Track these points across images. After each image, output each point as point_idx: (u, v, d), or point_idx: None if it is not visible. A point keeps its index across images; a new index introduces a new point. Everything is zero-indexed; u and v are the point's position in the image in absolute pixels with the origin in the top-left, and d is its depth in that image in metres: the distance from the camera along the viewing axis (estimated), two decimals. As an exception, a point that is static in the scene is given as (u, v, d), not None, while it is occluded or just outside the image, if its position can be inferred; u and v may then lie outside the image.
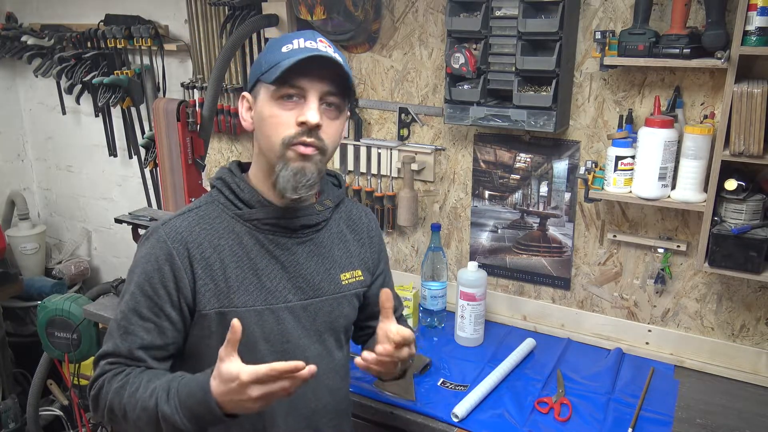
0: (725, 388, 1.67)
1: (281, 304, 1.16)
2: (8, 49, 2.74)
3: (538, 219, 1.92)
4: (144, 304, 1.10)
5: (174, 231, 1.11)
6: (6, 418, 2.49)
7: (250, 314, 1.12)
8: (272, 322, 1.15)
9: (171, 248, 1.10)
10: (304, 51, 1.06)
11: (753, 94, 1.37)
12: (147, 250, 1.12)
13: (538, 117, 1.68)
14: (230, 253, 1.13)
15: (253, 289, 1.14)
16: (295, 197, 1.10)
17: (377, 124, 2.12)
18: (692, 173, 1.54)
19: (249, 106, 1.16)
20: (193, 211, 1.16)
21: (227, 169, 1.20)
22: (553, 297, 1.97)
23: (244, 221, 1.15)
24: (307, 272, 1.19)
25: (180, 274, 1.10)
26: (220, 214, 1.16)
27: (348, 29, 1.92)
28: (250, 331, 1.12)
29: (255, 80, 1.12)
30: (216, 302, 1.11)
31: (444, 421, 1.52)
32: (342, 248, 1.26)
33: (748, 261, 1.48)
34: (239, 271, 1.13)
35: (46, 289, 2.81)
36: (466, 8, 1.74)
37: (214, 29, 2.27)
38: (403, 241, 2.18)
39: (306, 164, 1.09)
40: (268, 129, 1.09)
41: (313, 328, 1.20)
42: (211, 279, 1.11)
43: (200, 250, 1.11)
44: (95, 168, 2.93)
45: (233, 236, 1.14)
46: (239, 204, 1.16)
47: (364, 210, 1.37)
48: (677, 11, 1.49)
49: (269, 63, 1.08)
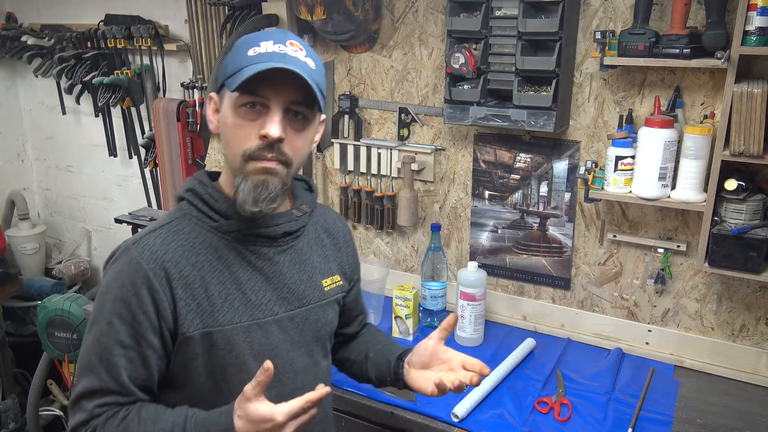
0: (725, 388, 1.67)
1: (268, 317, 1.10)
2: (8, 49, 2.74)
3: (538, 219, 1.92)
4: (125, 332, 1.00)
5: (148, 250, 1.02)
6: (6, 418, 2.49)
7: (237, 332, 1.06)
8: (260, 338, 1.09)
9: (146, 269, 1.01)
10: (270, 57, 0.98)
11: (753, 94, 1.37)
12: (119, 273, 1.02)
13: (538, 117, 1.68)
14: (210, 269, 1.05)
15: (238, 304, 1.07)
16: (255, 210, 1.01)
17: (377, 124, 2.12)
18: (692, 173, 1.54)
19: (216, 108, 1.08)
20: (165, 227, 1.07)
21: (196, 179, 1.12)
22: (553, 297, 1.97)
23: (221, 233, 1.08)
24: (291, 281, 1.13)
25: (159, 297, 1.01)
26: (195, 228, 1.07)
27: (348, 29, 1.92)
28: (239, 349, 1.06)
29: (222, 82, 1.05)
30: (200, 323, 1.03)
31: (444, 421, 1.52)
32: (321, 254, 1.22)
33: (748, 261, 1.48)
34: (221, 287, 1.06)
35: (46, 289, 2.81)
36: (466, 8, 1.74)
37: (214, 29, 2.27)
38: (403, 241, 2.18)
39: (268, 177, 1.01)
40: (229, 138, 1.03)
41: (301, 340, 1.15)
42: (192, 299, 1.03)
43: (178, 268, 1.03)
44: (95, 168, 2.93)
45: (211, 250, 1.06)
46: (214, 216, 1.08)
47: (337, 215, 1.33)
48: (677, 11, 1.49)
49: (234, 67, 1.00)
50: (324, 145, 2.22)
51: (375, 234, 2.22)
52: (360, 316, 1.39)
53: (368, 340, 1.37)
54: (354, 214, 2.21)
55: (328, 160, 2.23)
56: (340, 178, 2.21)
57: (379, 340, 1.35)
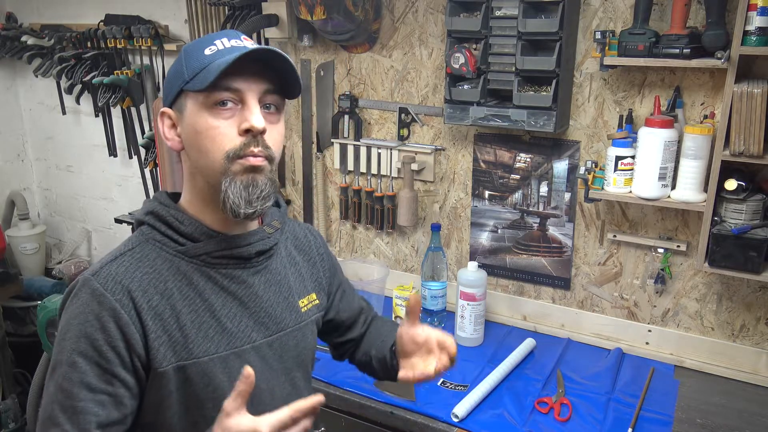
0: (725, 388, 1.67)
1: (246, 345, 1.02)
2: (8, 49, 2.74)
3: (538, 219, 1.92)
4: (92, 372, 0.90)
5: (111, 280, 0.93)
6: (6, 418, 2.49)
7: (214, 363, 0.98)
8: (239, 368, 0.94)
9: (113, 300, 0.91)
10: (232, 51, 0.92)
11: (753, 94, 1.36)
12: (80, 307, 0.92)
13: (538, 117, 1.68)
14: (181, 297, 0.97)
15: (213, 333, 0.98)
16: (250, 212, 0.95)
17: (377, 124, 2.12)
18: (692, 173, 1.54)
19: (172, 123, 0.99)
20: (127, 255, 0.97)
21: (156, 201, 1.03)
22: (553, 297, 1.97)
23: (189, 258, 0.99)
24: (268, 305, 1.06)
25: (129, 329, 0.91)
26: (160, 254, 0.98)
27: (348, 29, 1.92)
28: (217, 382, 0.98)
29: (177, 92, 0.96)
30: (173, 356, 0.95)
31: (444, 421, 1.52)
32: (295, 273, 1.15)
33: (748, 261, 1.48)
34: (194, 316, 0.97)
35: (46, 289, 2.81)
36: (466, 8, 1.74)
37: (214, 29, 2.27)
38: (403, 241, 2.18)
39: (257, 175, 0.95)
40: (205, 143, 0.94)
41: (281, 367, 1.08)
42: (163, 330, 0.94)
43: (146, 298, 0.94)
44: (95, 168, 2.93)
45: (180, 277, 0.98)
46: (180, 239, 0.99)
47: (308, 227, 1.26)
48: (677, 11, 1.49)
49: (193, 69, 0.93)
50: (324, 145, 2.22)
51: (375, 234, 2.22)
52: (361, 316, 1.33)
53: (371, 338, 1.31)
54: (354, 214, 2.21)
55: (328, 160, 2.23)
56: (340, 178, 2.21)
57: (380, 334, 1.30)
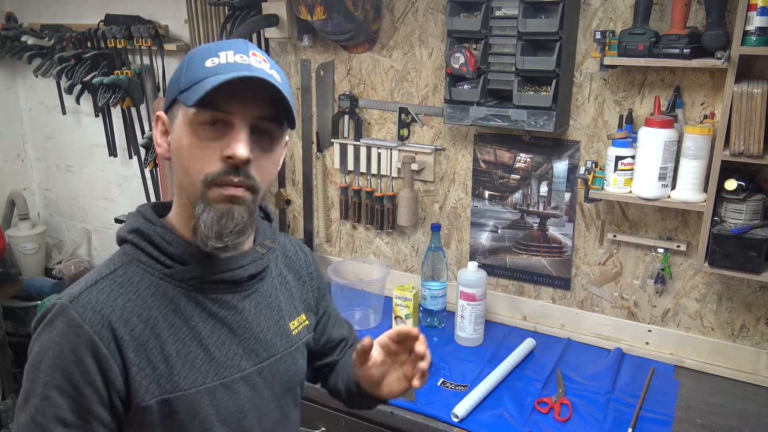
0: (725, 388, 1.68)
1: (235, 374, 0.95)
2: (8, 49, 2.74)
3: (538, 219, 1.92)
4: (66, 407, 0.84)
5: (90, 309, 0.86)
6: (6, 418, 2.49)
7: (201, 395, 0.91)
8: (227, 399, 0.94)
9: (90, 333, 0.84)
10: (233, 68, 0.85)
11: (753, 94, 1.36)
12: (56, 337, 0.85)
13: (538, 117, 1.68)
14: (166, 326, 0.90)
15: (200, 363, 0.92)
16: (219, 246, 0.87)
17: (377, 124, 2.12)
18: (692, 173, 1.54)
19: (165, 129, 0.93)
20: (108, 278, 0.90)
21: (141, 216, 0.95)
22: (553, 297, 1.97)
23: (176, 282, 0.91)
24: (258, 330, 0.99)
25: (107, 363, 0.85)
26: (144, 277, 0.91)
27: (348, 29, 1.92)
28: (204, 415, 0.92)
29: (173, 99, 0.90)
30: (157, 389, 0.88)
31: (444, 421, 1.53)
32: (285, 293, 1.08)
33: (748, 261, 1.48)
34: (180, 345, 0.90)
35: (46, 289, 2.80)
36: (466, 8, 1.74)
37: (214, 29, 2.27)
38: (403, 241, 2.18)
39: (234, 206, 0.87)
40: (187, 162, 0.88)
41: (271, 395, 1.02)
42: (147, 362, 0.88)
43: (128, 328, 0.87)
44: (95, 168, 2.93)
45: (166, 303, 0.90)
46: (167, 261, 0.92)
47: (298, 244, 1.19)
48: (677, 11, 1.49)
49: (190, 80, 0.87)
50: (324, 145, 2.22)
51: (375, 234, 2.22)
52: (341, 343, 1.24)
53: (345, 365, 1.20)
54: (354, 214, 2.21)
55: (328, 160, 2.23)
56: (340, 178, 2.21)
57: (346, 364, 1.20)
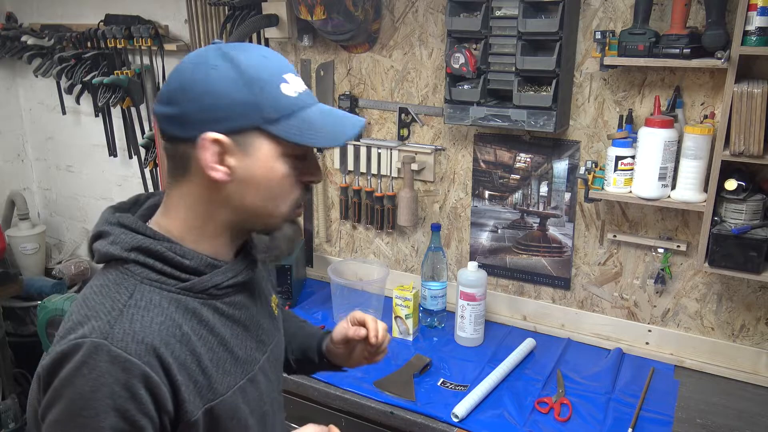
0: (725, 388, 1.68)
1: (255, 368, 0.99)
2: (8, 49, 2.74)
3: (538, 219, 1.92)
4: None
5: (132, 340, 0.82)
6: (6, 418, 2.49)
7: (236, 395, 0.94)
8: (253, 392, 0.98)
9: (140, 365, 0.81)
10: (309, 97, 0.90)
11: (753, 94, 1.37)
12: (100, 378, 0.79)
13: (538, 117, 1.68)
14: (197, 339, 0.90)
15: (230, 366, 0.94)
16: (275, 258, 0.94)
17: (377, 124, 2.12)
18: (692, 173, 1.54)
19: (223, 153, 0.86)
20: (130, 306, 0.85)
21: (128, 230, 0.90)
22: (553, 297, 1.97)
23: (194, 294, 0.91)
24: (260, 320, 1.02)
25: (159, 390, 0.83)
26: (162, 295, 0.88)
27: (348, 29, 1.92)
28: (240, 413, 0.95)
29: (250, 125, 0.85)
30: (200, 401, 0.89)
31: (444, 421, 1.53)
32: (265, 276, 1.11)
33: (748, 261, 1.48)
34: (212, 354, 0.91)
35: (46, 289, 2.81)
36: (466, 8, 1.74)
37: (214, 29, 2.27)
38: (403, 241, 2.18)
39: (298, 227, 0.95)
40: (277, 190, 0.89)
41: (275, 377, 1.06)
42: (189, 379, 0.87)
43: (170, 350, 0.84)
44: (95, 168, 2.93)
45: (189, 316, 0.89)
46: (182, 275, 0.90)
47: None
48: (677, 11, 1.49)
49: (278, 109, 0.85)
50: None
51: (375, 234, 2.22)
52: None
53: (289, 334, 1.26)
54: (354, 214, 2.21)
55: (328, 160, 2.23)
56: (340, 178, 2.21)
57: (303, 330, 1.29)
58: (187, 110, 0.85)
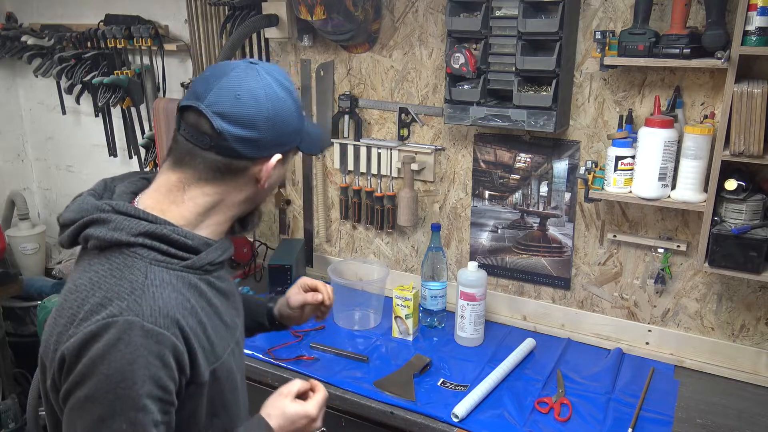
0: (725, 388, 1.68)
1: (237, 333, 1.14)
2: (8, 49, 2.74)
3: (538, 219, 1.92)
4: (157, 409, 0.92)
5: (160, 315, 0.93)
6: (6, 418, 2.49)
7: (229, 357, 1.08)
8: (238, 353, 1.15)
9: (171, 336, 0.93)
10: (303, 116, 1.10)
11: (753, 94, 1.37)
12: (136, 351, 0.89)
13: (538, 117, 1.68)
14: (200, 310, 1.02)
15: (223, 332, 1.07)
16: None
17: (377, 124, 2.12)
18: (692, 173, 1.54)
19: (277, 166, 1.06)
20: (148, 286, 0.95)
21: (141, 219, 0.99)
22: (553, 297, 1.97)
23: (194, 270, 1.02)
24: (234, 290, 1.18)
25: (183, 357, 0.95)
26: (170, 273, 0.98)
27: (348, 29, 1.92)
28: (233, 372, 1.09)
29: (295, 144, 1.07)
30: (207, 364, 1.01)
31: (444, 421, 1.52)
32: None
33: (748, 261, 1.48)
34: (212, 323, 1.04)
35: (46, 289, 2.81)
36: (466, 8, 1.74)
37: (214, 29, 2.27)
38: (403, 241, 2.18)
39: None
40: (275, 187, 1.14)
41: (241, 336, 1.19)
42: (199, 346, 0.99)
43: (186, 321, 0.97)
44: (95, 168, 2.93)
45: (193, 290, 1.01)
46: (184, 255, 1.01)
47: None
48: (677, 11, 1.49)
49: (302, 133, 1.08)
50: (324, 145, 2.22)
51: (375, 234, 2.22)
52: None
53: None
54: (354, 214, 2.21)
55: (328, 160, 2.23)
56: (340, 178, 2.21)
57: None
58: (266, 136, 1.00)
